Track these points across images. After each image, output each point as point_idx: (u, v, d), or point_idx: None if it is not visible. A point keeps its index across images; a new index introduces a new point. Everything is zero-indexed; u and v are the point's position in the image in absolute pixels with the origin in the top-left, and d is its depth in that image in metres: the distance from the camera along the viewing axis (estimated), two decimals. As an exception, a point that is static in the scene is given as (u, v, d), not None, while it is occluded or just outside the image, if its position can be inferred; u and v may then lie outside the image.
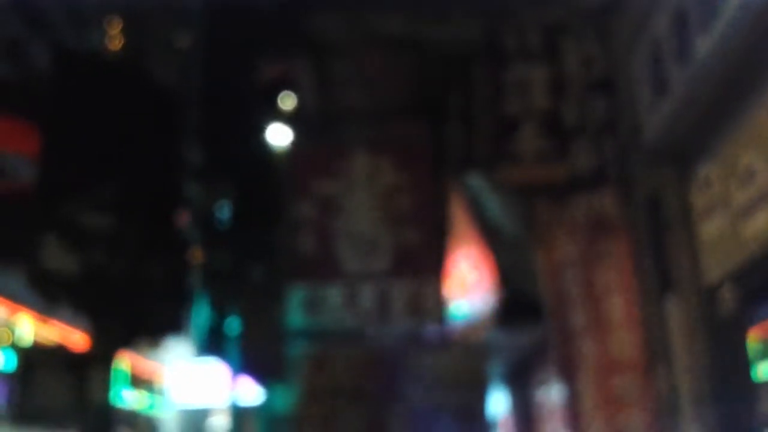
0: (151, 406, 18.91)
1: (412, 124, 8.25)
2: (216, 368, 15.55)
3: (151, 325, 7.00)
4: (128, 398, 16.56)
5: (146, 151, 6.79)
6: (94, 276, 6.44)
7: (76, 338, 8.87)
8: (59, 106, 6.73)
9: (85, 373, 6.34)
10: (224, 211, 9.12)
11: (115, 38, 7.31)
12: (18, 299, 20.67)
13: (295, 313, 7.81)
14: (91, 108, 6.63)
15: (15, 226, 6.62)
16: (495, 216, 8.25)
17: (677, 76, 5.34)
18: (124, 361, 6.90)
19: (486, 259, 8.44)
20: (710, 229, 5.40)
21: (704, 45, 4.87)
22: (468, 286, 9.05)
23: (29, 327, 20.92)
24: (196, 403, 18.89)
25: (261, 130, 9.29)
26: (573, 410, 6.38)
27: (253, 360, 8.91)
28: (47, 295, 6.73)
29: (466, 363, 7.79)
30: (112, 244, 6.52)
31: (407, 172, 8.14)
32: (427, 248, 7.93)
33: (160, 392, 19.40)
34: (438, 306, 7.86)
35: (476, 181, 7.66)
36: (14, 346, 20.78)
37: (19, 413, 7.39)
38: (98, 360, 6.39)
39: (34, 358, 7.12)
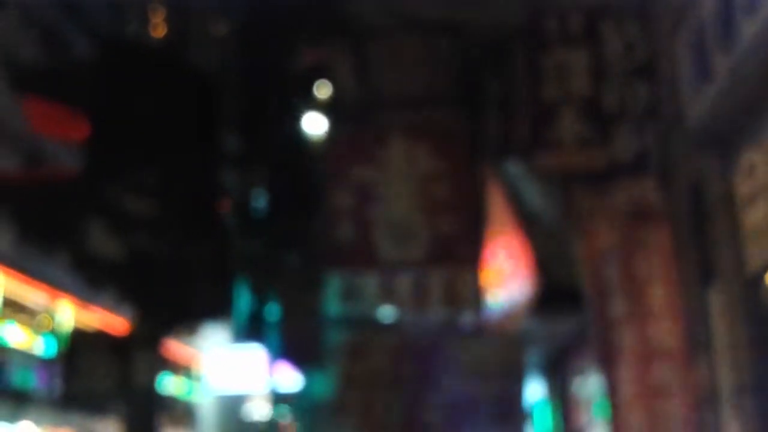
0: (189, 392, 19.17)
1: (450, 110, 8.22)
2: (254, 354, 15.70)
3: (193, 310, 7.09)
4: (167, 384, 16.80)
5: (187, 138, 6.86)
6: (138, 260, 6.54)
7: (117, 323, 9.02)
8: (103, 92, 6.83)
9: (129, 357, 6.44)
10: (262, 199, 9.19)
11: (157, 26, 7.38)
12: (59, 285, 21.06)
13: (332, 301, 7.85)
14: (133, 95, 6.72)
15: (59, 210, 6.74)
16: (533, 203, 8.20)
17: (721, 61, 5.23)
18: (164, 347, 6.99)
19: (524, 247, 8.39)
20: (754, 216, 5.30)
21: (749, 29, 4.76)
22: (505, 275, 9.01)
23: (70, 313, 21.30)
24: (234, 390, 19.07)
25: (298, 118, 9.33)
26: (612, 399, 6.33)
27: (291, 346, 8.98)
28: (92, 279, 6.86)
29: (503, 352, 7.77)
30: (154, 228, 6.61)
31: (445, 159, 8.11)
32: (464, 236, 7.91)
33: (198, 378, 19.64)
34: (475, 295, 7.84)
35: (514, 168, 7.61)
36: (55, 332, 21.19)
37: (63, 396, 7.53)
38: (142, 344, 6.50)
39: (77, 342, 7.25)
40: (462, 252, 7.86)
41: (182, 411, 19.16)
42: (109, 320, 12.40)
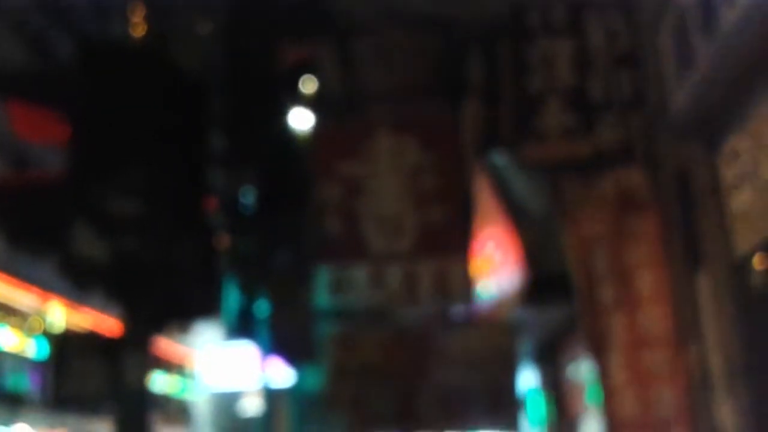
0: (183, 390, 19.18)
1: (436, 103, 8.24)
2: (246, 351, 15.72)
3: (182, 309, 7.09)
4: (160, 383, 16.79)
5: (172, 138, 6.84)
6: (125, 262, 6.53)
7: (108, 324, 9.02)
8: (85, 95, 6.80)
9: (120, 358, 6.44)
10: (249, 196, 9.19)
11: (138, 25, 7.35)
12: (49, 287, 21.02)
13: (322, 294, 7.87)
14: (116, 96, 6.70)
15: (45, 214, 6.71)
16: (521, 194, 8.23)
17: (703, 49, 5.27)
18: (156, 346, 7.00)
19: (512, 236, 8.43)
20: (739, 201, 5.35)
21: (729, 17, 4.79)
22: (495, 265, 9.06)
23: (61, 314, 21.27)
24: (227, 387, 19.12)
25: (284, 114, 9.32)
26: (604, 386, 6.38)
27: (282, 341, 9.00)
28: (79, 281, 6.84)
29: (494, 341, 7.81)
30: (141, 230, 6.60)
31: (432, 151, 8.13)
32: (452, 227, 7.94)
33: (191, 376, 19.66)
34: (465, 285, 7.88)
35: (501, 159, 7.64)
36: (46, 334, 21.15)
37: (54, 399, 7.54)
38: (132, 345, 6.50)
39: (67, 344, 7.24)
40: (451, 242, 7.90)
41: (176, 409, 19.18)
42: (99, 321, 12.41)
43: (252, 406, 17.69)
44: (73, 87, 6.90)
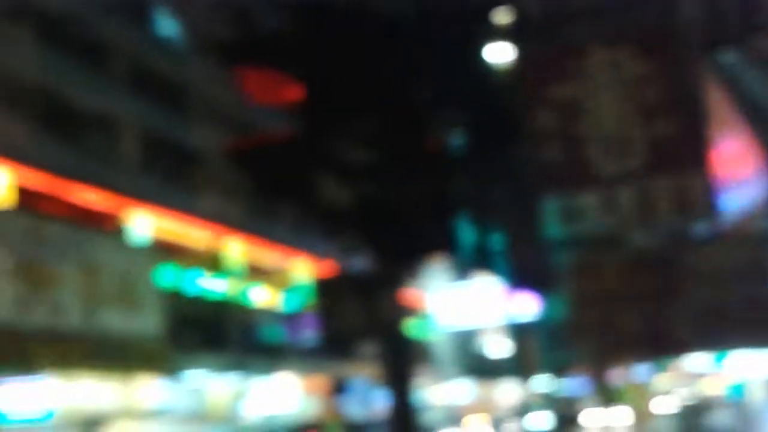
0: (422, 331, 19.87)
1: (645, 10, 7.69)
2: (482, 288, 15.91)
3: (421, 248, 7.35)
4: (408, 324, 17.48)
5: (393, 87, 7.04)
6: (367, 206, 6.87)
7: (336, 270, 9.57)
8: (312, 53, 7.15)
9: (373, 297, 6.81)
10: (465, 135, 9.22)
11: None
12: (290, 243, 22.57)
13: (552, 225, 7.73)
14: (342, 53, 6.99)
15: (289, 169, 7.20)
16: (757, 94, 7.53)
17: None
18: (402, 286, 7.36)
19: (753, 141, 7.77)
20: None
21: None
22: (736, 174, 8.40)
23: (304, 267, 22.80)
24: (465, 325, 19.51)
25: (482, 50, 9.20)
26: None
27: (519, 274, 8.99)
28: (327, 228, 7.30)
29: (747, 255, 7.28)
30: (378, 174, 6.90)
31: (650, 60, 7.62)
32: (686, 139, 7.43)
33: (429, 317, 20.29)
34: (706, 199, 7.38)
35: (731, 57, 7.01)
36: (295, 288, 22.78)
37: (319, 344, 8.18)
38: (382, 284, 6.84)
39: (323, 290, 7.74)
40: (686, 156, 7.40)
41: (417, 351, 19.92)
42: (335, 268, 13.08)
43: (493, 341, 17.96)
44: (299, 48, 7.29)
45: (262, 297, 22.02)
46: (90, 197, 16.43)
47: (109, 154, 17.41)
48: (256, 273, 21.93)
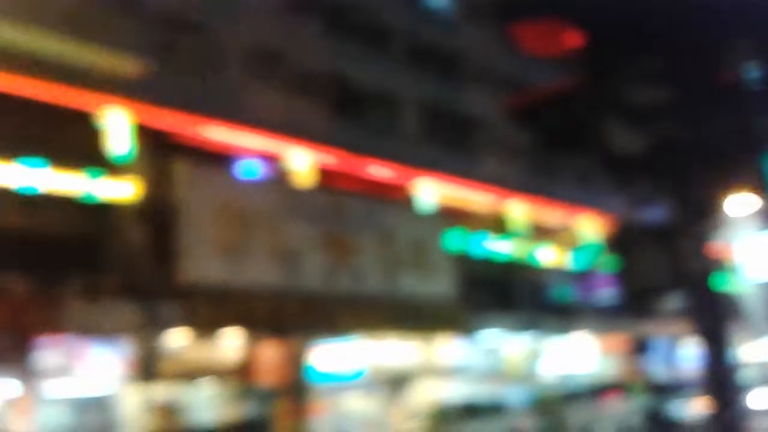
0: (730, 285, 18.47)
1: None
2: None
3: (723, 190, 6.80)
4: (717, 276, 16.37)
5: (679, 20, 6.53)
6: (662, 148, 6.49)
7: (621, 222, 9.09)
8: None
9: (677, 248, 6.43)
10: (761, 66, 8.37)
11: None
12: (572, 201, 22.12)
13: None
14: None
15: (578, 117, 6.99)
16: None
17: None
18: (707, 234, 6.85)
19: None
20: None
21: None
22: None
23: (590, 225, 22.24)
24: (776, 276, 17.85)
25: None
26: None
27: None
28: (618, 179, 7.00)
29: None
30: (669, 114, 6.48)
31: None
32: None
33: (736, 269, 18.84)
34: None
35: None
36: (581, 245, 22.32)
37: (619, 297, 7.92)
38: (686, 234, 6.43)
39: (620, 243, 7.46)
40: None
41: (728, 305, 18.61)
42: (626, 221, 12.55)
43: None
44: None
45: (550, 256, 21.83)
46: (379, 171, 17.30)
47: (393, 129, 18.21)
48: (542, 233, 21.78)
